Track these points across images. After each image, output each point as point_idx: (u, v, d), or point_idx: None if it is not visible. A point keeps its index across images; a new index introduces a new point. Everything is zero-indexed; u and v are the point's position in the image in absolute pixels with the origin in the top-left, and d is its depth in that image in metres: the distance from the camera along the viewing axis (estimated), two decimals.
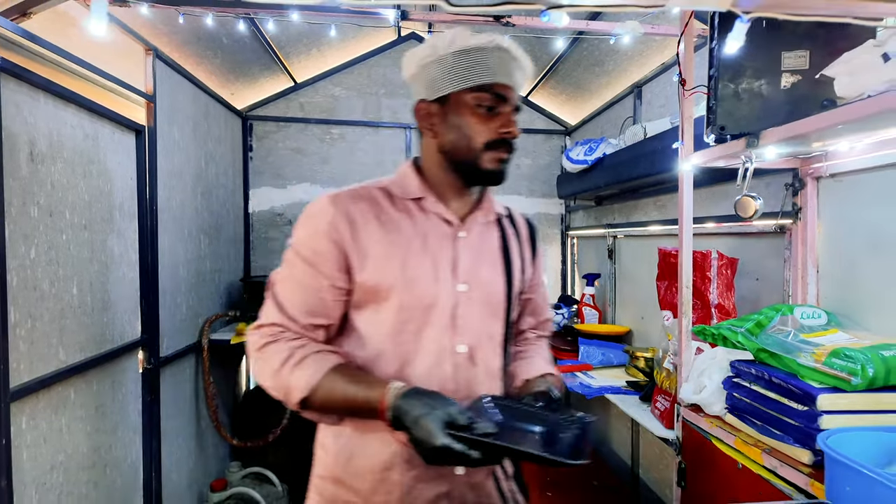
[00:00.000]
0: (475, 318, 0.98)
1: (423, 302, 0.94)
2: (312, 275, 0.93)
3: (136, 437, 1.95)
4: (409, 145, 3.32)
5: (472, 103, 0.93)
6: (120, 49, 1.87)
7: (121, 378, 1.85)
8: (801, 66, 1.18)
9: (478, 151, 0.94)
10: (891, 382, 1.05)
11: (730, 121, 1.22)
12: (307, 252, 0.93)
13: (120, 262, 1.85)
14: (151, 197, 2.01)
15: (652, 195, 2.44)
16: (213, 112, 2.68)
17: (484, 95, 0.93)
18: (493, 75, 0.92)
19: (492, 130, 0.94)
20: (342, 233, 0.92)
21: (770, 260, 1.66)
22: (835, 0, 0.51)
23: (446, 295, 0.95)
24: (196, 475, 2.47)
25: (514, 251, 1.07)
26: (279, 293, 0.95)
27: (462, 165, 0.96)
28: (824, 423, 1.04)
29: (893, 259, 1.25)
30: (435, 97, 0.96)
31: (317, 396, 0.88)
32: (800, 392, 1.08)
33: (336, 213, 0.93)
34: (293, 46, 2.79)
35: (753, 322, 1.31)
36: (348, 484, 0.95)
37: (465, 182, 0.99)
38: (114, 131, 1.82)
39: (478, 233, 1.02)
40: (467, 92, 0.93)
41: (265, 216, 3.25)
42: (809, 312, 1.32)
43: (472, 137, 0.93)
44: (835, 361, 1.06)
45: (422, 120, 1.00)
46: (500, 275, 1.02)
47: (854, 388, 1.03)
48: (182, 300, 2.32)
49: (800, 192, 1.48)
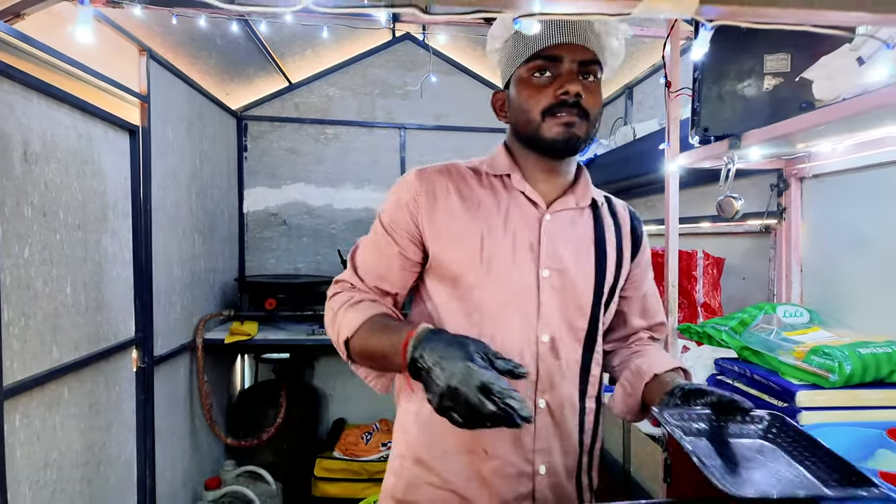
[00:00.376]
0: (557, 307, 0.92)
1: (502, 284, 0.91)
2: (386, 242, 0.96)
3: (130, 436, 1.96)
4: (404, 145, 3.33)
5: (526, 76, 0.91)
6: (114, 50, 1.88)
7: (115, 376, 1.86)
8: (783, 68, 1.20)
9: (537, 122, 0.90)
10: (867, 379, 1.07)
11: (713, 122, 1.24)
12: (386, 220, 0.97)
13: (114, 261, 1.86)
14: (146, 197, 2.03)
15: (642, 195, 2.46)
16: (207, 112, 2.69)
17: (535, 63, 0.89)
18: (542, 41, 0.88)
19: (548, 96, 0.89)
20: (420, 207, 0.94)
21: (756, 259, 1.69)
22: (791, 10, 0.53)
23: (527, 279, 0.91)
24: (190, 473, 2.48)
25: (610, 242, 0.99)
26: (358, 254, 1.01)
27: (529, 141, 0.94)
28: (803, 419, 1.06)
29: (873, 258, 1.28)
30: (504, 84, 0.98)
31: (356, 340, 0.90)
32: (780, 389, 1.11)
33: (419, 186, 0.95)
34: (287, 47, 2.80)
35: (737, 320, 1.33)
36: (430, 465, 0.94)
37: (544, 157, 0.95)
38: (108, 131, 1.83)
39: (568, 218, 0.96)
40: (521, 67, 0.92)
41: (259, 216, 3.26)
42: (792, 311, 1.35)
43: (529, 110, 0.90)
44: (814, 359, 1.08)
45: (497, 111, 1.02)
46: (591, 265, 0.95)
47: (832, 385, 1.05)
48: (176, 299, 2.33)
49: (784, 192, 1.50)
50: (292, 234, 3.28)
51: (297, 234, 3.29)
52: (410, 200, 0.94)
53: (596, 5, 0.62)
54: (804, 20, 0.58)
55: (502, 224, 0.92)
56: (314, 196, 3.29)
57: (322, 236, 3.30)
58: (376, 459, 2.78)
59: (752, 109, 1.24)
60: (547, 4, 0.61)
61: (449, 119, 3.34)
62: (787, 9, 0.52)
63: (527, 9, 0.62)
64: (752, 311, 1.34)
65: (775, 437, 0.81)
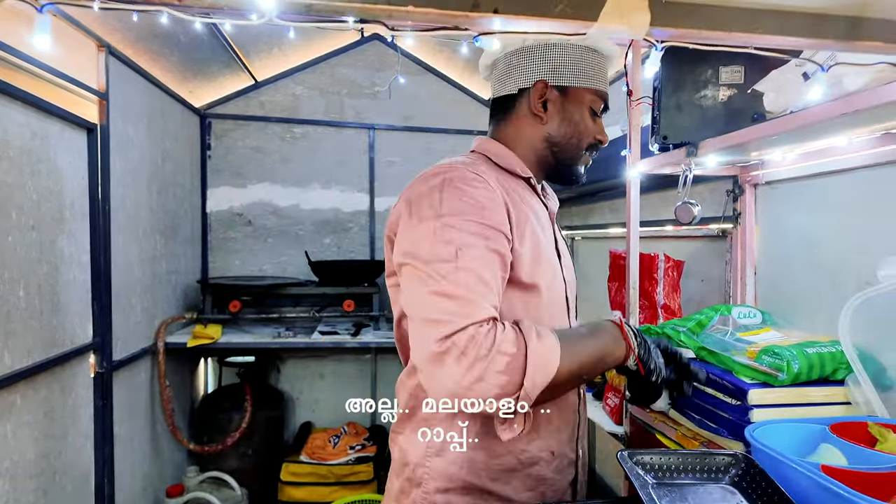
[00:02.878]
0: (572, 300, 1.01)
1: (552, 280, 0.93)
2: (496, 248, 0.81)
3: (87, 443, 1.90)
4: (373, 145, 3.32)
5: (589, 103, 0.94)
6: (70, 45, 1.82)
7: (71, 382, 1.80)
8: (737, 80, 1.25)
9: (582, 151, 0.96)
10: (814, 377, 1.13)
11: (672, 131, 1.29)
12: (491, 222, 0.81)
13: (70, 263, 1.80)
14: (104, 196, 1.97)
15: (607, 199, 2.52)
16: (169, 110, 2.63)
17: (598, 101, 0.95)
18: (607, 83, 0.95)
19: (593, 135, 0.96)
20: (507, 203, 0.84)
21: (713, 262, 1.75)
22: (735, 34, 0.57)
23: (559, 276, 0.97)
24: (151, 480, 2.42)
25: None
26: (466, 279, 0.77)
27: (562, 159, 0.96)
28: (755, 417, 1.11)
29: (820, 261, 1.34)
30: (557, 83, 0.94)
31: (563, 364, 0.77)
32: (733, 387, 1.16)
33: (490, 181, 0.84)
34: (253, 45, 2.76)
35: (695, 322, 1.39)
36: (487, 489, 0.89)
37: (548, 174, 0.99)
38: (64, 129, 1.77)
39: (552, 216, 1.05)
40: (589, 91, 0.93)
41: (224, 216, 3.20)
42: (746, 312, 1.40)
43: (583, 137, 0.95)
44: (765, 358, 1.13)
45: (537, 100, 0.95)
46: (570, 259, 1.06)
47: (781, 383, 1.10)
48: (136, 302, 2.27)
49: (739, 198, 1.56)
50: (258, 234, 3.23)
51: (262, 234, 3.24)
52: (500, 196, 0.83)
53: (553, 25, 0.64)
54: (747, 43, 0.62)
55: (539, 225, 0.94)
56: (280, 196, 3.25)
57: (288, 237, 3.26)
58: (344, 463, 2.77)
59: (709, 119, 1.29)
60: (507, 24, 0.63)
61: (418, 120, 3.34)
62: (732, 33, 0.56)
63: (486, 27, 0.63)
64: (709, 313, 1.40)
65: (745, 483, 0.84)
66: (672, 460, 0.88)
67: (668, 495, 0.82)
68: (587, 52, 0.93)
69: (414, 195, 0.84)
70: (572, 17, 0.76)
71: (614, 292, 1.95)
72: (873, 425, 0.92)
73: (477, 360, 0.73)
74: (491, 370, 0.73)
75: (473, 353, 0.73)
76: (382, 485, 2.78)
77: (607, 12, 0.69)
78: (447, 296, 0.76)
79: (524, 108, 0.96)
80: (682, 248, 1.90)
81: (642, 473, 0.86)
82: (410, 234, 0.81)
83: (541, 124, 0.96)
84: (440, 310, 0.75)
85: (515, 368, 0.74)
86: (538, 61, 0.94)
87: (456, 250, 0.77)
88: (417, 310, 0.78)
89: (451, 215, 0.79)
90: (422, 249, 0.79)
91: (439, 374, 0.74)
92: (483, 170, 0.86)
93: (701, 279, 1.83)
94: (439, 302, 0.76)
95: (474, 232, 0.79)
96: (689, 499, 0.82)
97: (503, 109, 1.00)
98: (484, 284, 0.78)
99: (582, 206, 2.82)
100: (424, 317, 0.77)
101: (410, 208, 0.83)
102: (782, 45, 0.85)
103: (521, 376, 0.74)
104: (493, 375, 0.73)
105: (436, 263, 0.77)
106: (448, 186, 0.81)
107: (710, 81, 1.28)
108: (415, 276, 0.79)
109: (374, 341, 2.67)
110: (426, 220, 0.80)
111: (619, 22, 0.64)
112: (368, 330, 2.80)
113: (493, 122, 1.03)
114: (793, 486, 0.79)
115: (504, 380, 0.74)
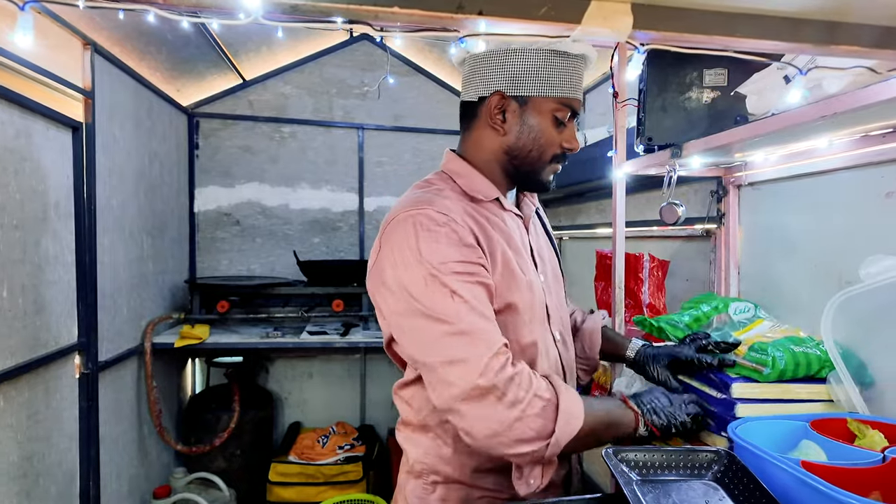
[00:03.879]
0: (554, 306, 1.01)
1: (533, 299, 0.94)
2: (482, 282, 0.84)
3: (72, 445, 1.88)
4: (362, 145, 3.32)
5: (552, 113, 0.90)
6: (55, 43, 1.80)
7: (55, 384, 1.79)
8: (721, 83, 1.27)
9: (545, 162, 0.93)
10: (800, 375, 1.14)
11: (657, 132, 1.31)
12: (468, 259, 0.84)
13: (55, 263, 1.78)
14: (90, 196, 1.95)
15: (594, 199, 2.54)
16: (157, 109, 2.61)
17: (563, 109, 0.90)
18: (576, 90, 0.90)
19: (559, 143, 0.92)
20: (474, 233, 0.86)
21: (698, 262, 1.77)
22: (716, 37, 0.58)
23: (539, 288, 0.96)
24: (138, 482, 2.40)
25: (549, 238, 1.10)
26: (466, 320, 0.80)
27: (523, 170, 0.94)
28: (740, 412, 1.12)
29: (802, 261, 1.37)
30: (516, 94, 0.90)
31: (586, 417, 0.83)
32: (718, 381, 1.17)
33: (461, 219, 0.86)
34: (241, 44, 2.75)
35: (692, 317, 1.40)
36: (478, 485, 0.96)
37: (513, 184, 0.98)
38: (48, 128, 1.75)
39: (533, 222, 1.04)
40: (551, 101, 0.89)
41: (212, 216, 3.18)
42: (742, 307, 1.42)
43: (545, 148, 0.91)
44: (752, 354, 1.14)
45: (495, 112, 0.92)
46: (555, 261, 1.06)
47: (765, 379, 1.11)
48: (123, 302, 2.25)
49: (723, 199, 1.58)
50: (246, 234, 3.22)
51: (250, 234, 3.22)
52: (469, 231, 0.86)
53: (537, 28, 0.65)
54: (728, 46, 0.64)
55: (513, 244, 0.95)
56: (269, 196, 3.24)
57: (277, 237, 3.25)
58: (333, 462, 2.77)
59: (693, 120, 1.31)
60: (492, 26, 0.64)
61: (407, 120, 3.35)
62: (713, 36, 0.57)
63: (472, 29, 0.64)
64: (706, 310, 1.41)
65: (728, 479, 0.86)
66: (656, 457, 0.89)
67: (652, 492, 0.83)
68: (552, 58, 0.88)
69: (394, 243, 0.85)
70: (556, 20, 0.77)
71: (600, 291, 1.97)
72: (852, 421, 0.94)
73: (517, 401, 0.77)
74: (529, 412, 0.77)
75: (513, 395, 0.77)
76: (371, 484, 2.78)
77: (590, 15, 0.70)
78: (461, 334, 0.78)
79: (484, 119, 0.94)
80: (667, 248, 1.92)
81: (627, 470, 0.87)
82: (401, 281, 0.83)
83: (499, 136, 0.94)
84: (459, 349, 0.78)
85: (549, 414, 0.79)
86: (496, 69, 0.90)
87: (451, 293, 0.80)
88: (434, 355, 0.80)
89: (435, 261, 0.81)
90: (419, 298, 0.81)
91: (481, 414, 0.77)
92: (449, 206, 0.87)
93: (685, 278, 1.85)
94: (455, 341, 0.78)
95: (460, 272, 0.81)
96: (673, 495, 0.83)
97: (468, 116, 0.98)
98: (485, 318, 0.82)
99: (570, 207, 2.84)
100: (445, 359, 0.79)
101: (393, 256, 0.85)
102: (761, 49, 0.87)
103: (554, 423, 0.79)
104: (530, 418, 0.77)
105: (437, 309, 0.80)
106: (421, 230, 0.83)
107: (695, 84, 1.29)
108: (420, 325, 0.81)
109: (363, 341, 2.66)
110: (411, 267, 0.82)
111: (602, 25, 0.65)
112: (358, 330, 2.80)
113: (461, 130, 1.02)
114: (774, 481, 0.80)
115: (539, 423, 0.78)
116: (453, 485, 0.97)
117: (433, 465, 0.97)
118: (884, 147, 1.05)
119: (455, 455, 0.96)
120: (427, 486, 0.98)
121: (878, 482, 0.75)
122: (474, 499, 0.98)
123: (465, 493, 0.97)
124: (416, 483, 0.99)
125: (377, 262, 0.89)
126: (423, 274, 0.81)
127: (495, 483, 0.98)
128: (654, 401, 0.97)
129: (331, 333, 2.69)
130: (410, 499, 0.99)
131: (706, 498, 0.83)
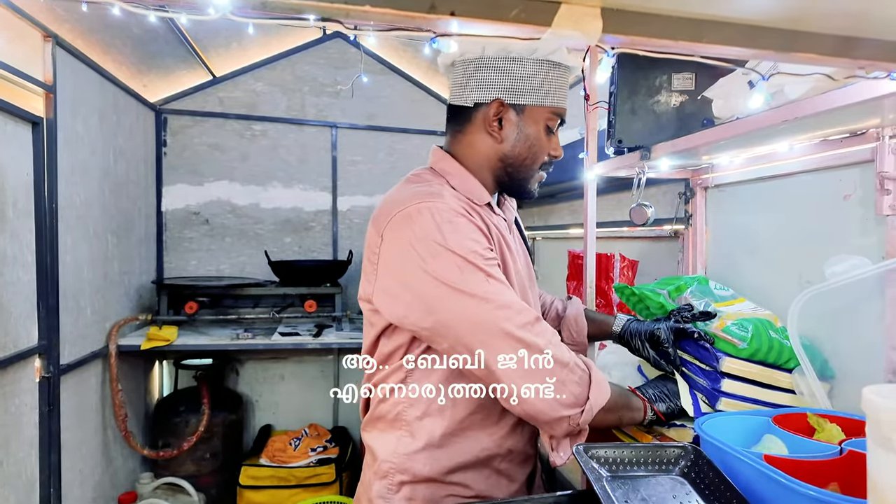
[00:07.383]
0: (532, 304, 1.03)
1: (524, 293, 0.98)
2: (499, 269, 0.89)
3: (32, 452, 1.82)
4: (335, 144, 3.29)
5: (545, 121, 0.93)
6: (14, 35, 1.73)
7: (13, 388, 1.72)
8: (688, 87, 1.30)
9: (535, 170, 0.96)
10: (770, 360, 1.14)
11: (627, 135, 1.33)
12: (479, 247, 0.86)
13: (13, 263, 1.72)
14: (51, 194, 1.88)
15: (566, 200, 2.57)
16: (122, 104, 2.54)
17: (555, 118, 0.93)
18: (565, 99, 0.93)
19: (547, 151, 0.96)
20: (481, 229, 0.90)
21: (667, 262, 1.81)
22: (683, 42, 0.60)
23: (527, 291, 1.01)
24: (102, 489, 2.33)
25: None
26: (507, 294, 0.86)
27: (514, 177, 0.96)
28: (724, 386, 1.12)
29: (765, 261, 1.41)
30: (514, 102, 0.92)
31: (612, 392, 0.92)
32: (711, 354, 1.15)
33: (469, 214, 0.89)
34: (211, 39, 2.69)
35: (674, 286, 1.42)
36: (446, 481, 0.96)
37: (503, 189, 1.00)
38: (6, 123, 1.69)
39: (514, 226, 1.06)
40: (546, 110, 0.92)
41: (180, 215, 3.11)
42: (721, 286, 1.45)
43: (537, 156, 0.94)
44: (732, 329, 1.16)
45: (493, 119, 0.93)
46: (529, 263, 1.08)
47: (739, 353, 1.12)
48: (86, 304, 2.18)
49: (691, 200, 1.62)
50: (215, 234, 3.15)
51: (220, 234, 3.16)
52: (480, 225, 0.89)
53: (509, 30, 0.66)
54: (694, 51, 0.65)
55: (509, 247, 0.98)
56: (239, 194, 3.18)
57: (247, 236, 3.19)
58: (305, 465, 2.73)
59: (662, 123, 1.34)
60: (464, 26, 0.64)
61: (381, 119, 3.33)
62: (679, 41, 0.59)
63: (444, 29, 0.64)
64: (689, 280, 1.43)
65: (695, 474, 0.87)
66: (626, 454, 0.91)
67: (621, 488, 0.85)
68: (548, 68, 0.90)
69: (411, 235, 0.85)
70: (527, 22, 0.78)
71: (573, 291, 2.00)
72: (812, 416, 0.97)
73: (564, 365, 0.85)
74: (570, 378, 0.85)
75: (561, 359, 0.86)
76: (344, 486, 2.76)
77: (560, 18, 0.71)
78: (506, 307, 0.83)
79: (479, 124, 0.95)
80: (637, 248, 1.95)
81: (597, 467, 0.88)
82: (432, 272, 0.83)
83: (495, 143, 0.95)
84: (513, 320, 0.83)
85: (585, 383, 0.87)
86: (496, 77, 0.91)
87: (486, 276, 0.84)
88: (489, 326, 0.83)
89: (464, 250, 0.83)
90: (457, 284, 0.82)
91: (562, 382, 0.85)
92: (454, 204, 0.88)
93: (655, 278, 1.89)
94: (504, 313, 0.83)
95: (488, 258, 0.86)
96: (642, 490, 0.85)
97: (459, 120, 0.98)
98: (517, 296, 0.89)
99: (542, 208, 2.87)
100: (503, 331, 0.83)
101: (414, 249, 0.84)
102: (726, 55, 0.90)
103: (588, 391, 0.87)
104: (572, 384, 0.85)
105: (479, 291, 0.83)
106: (442, 221, 0.84)
107: (664, 87, 1.32)
108: (465, 306, 0.83)
109: (336, 342, 2.64)
110: (440, 256, 0.83)
111: (573, 28, 0.66)
112: (331, 330, 2.77)
113: (449, 131, 1.02)
114: (738, 475, 0.82)
115: (578, 390, 0.86)
116: (421, 484, 0.96)
117: (401, 464, 0.96)
118: (842, 151, 1.10)
119: (426, 451, 0.95)
120: (392, 486, 0.97)
121: (836, 474, 0.78)
122: (441, 497, 0.98)
123: (431, 491, 0.97)
124: (380, 484, 0.98)
125: (382, 253, 0.88)
126: (455, 262, 0.82)
127: (471, 480, 0.98)
128: (655, 388, 1.07)
129: (303, 334, 2.66)
130: (375, 500, 0.98)
131: (674, 493, 0.85)
